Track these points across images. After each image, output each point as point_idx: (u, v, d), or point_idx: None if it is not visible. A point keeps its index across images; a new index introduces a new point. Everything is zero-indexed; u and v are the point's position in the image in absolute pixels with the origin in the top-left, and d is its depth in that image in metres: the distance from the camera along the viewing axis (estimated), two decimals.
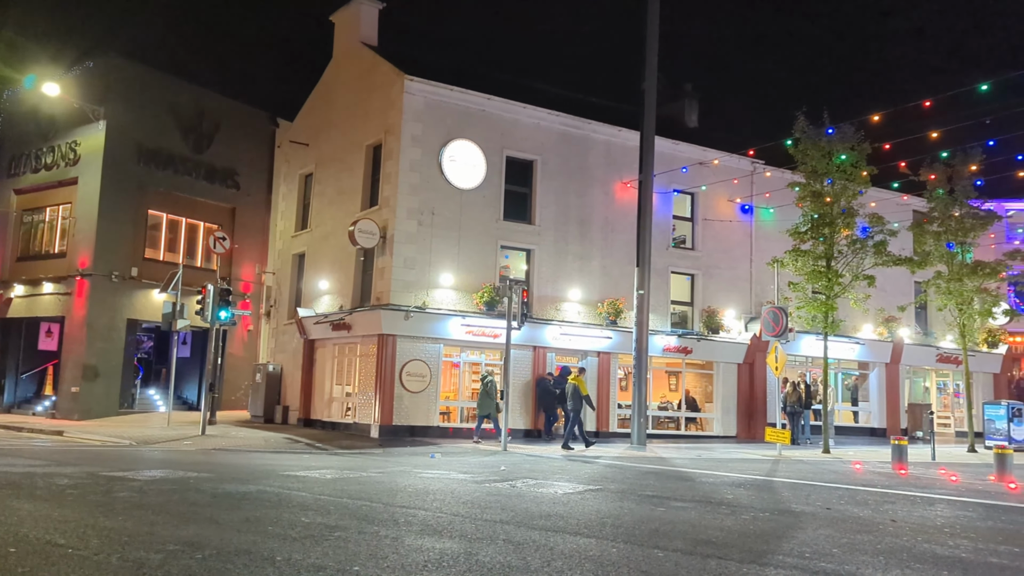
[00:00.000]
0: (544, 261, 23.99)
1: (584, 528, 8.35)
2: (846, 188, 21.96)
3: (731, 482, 13.57)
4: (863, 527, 9.15)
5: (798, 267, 22.17)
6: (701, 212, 26.77)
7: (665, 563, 6.84)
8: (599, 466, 15.60)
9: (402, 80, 22.37)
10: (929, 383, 31.82)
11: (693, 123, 31.15)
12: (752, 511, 10.17)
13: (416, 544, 7.19)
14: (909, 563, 7.22)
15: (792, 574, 6.58)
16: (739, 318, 26.75)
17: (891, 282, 26.18)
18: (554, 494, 10.98)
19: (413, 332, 21.66)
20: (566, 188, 24.60)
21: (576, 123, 24.93)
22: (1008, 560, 7.61)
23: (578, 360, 24.16)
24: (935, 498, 12.24)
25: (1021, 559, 7.69)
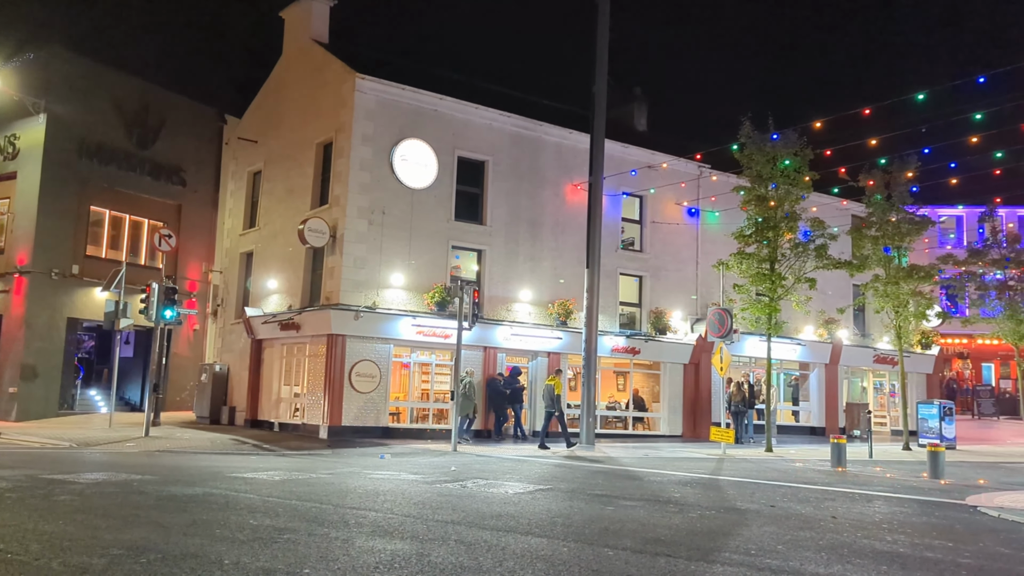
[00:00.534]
0: (495, 262, 24.08)
1: (535, 528, 8.42)
2: (789, 193, 22.48)
3: (678, 480, 13.83)
4: (806, 524, 9.43)
5: (743, 270, 22.65)
6: (649, 215, 27.15)
7: (615, 561, 6.95)
8: (549, 466, 15.74)
9: (353, 78, 22.23)
10: (866, 383, 32.72)
11: (642, 126, 31.58)
12: (699, 509, 10.39)
13: (367, 545, 7.18)
14: (850, 559, 7.48)
15: (739, 571, 6.76)
16: (686, 319, 27.20)
17: (831, 285, 26.88)
18: (505, 494, 11.06)
19: (363, 332, 21.54)
20: (517, 189, 24.73)
21: (528, 124, 25.07)
22: (942, 555, 7.92)
23: (528, 360, 24.31)
24: (873, 495, 12.64)
25: (954, 553, 8.01)
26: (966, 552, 8.13)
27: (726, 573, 6.66)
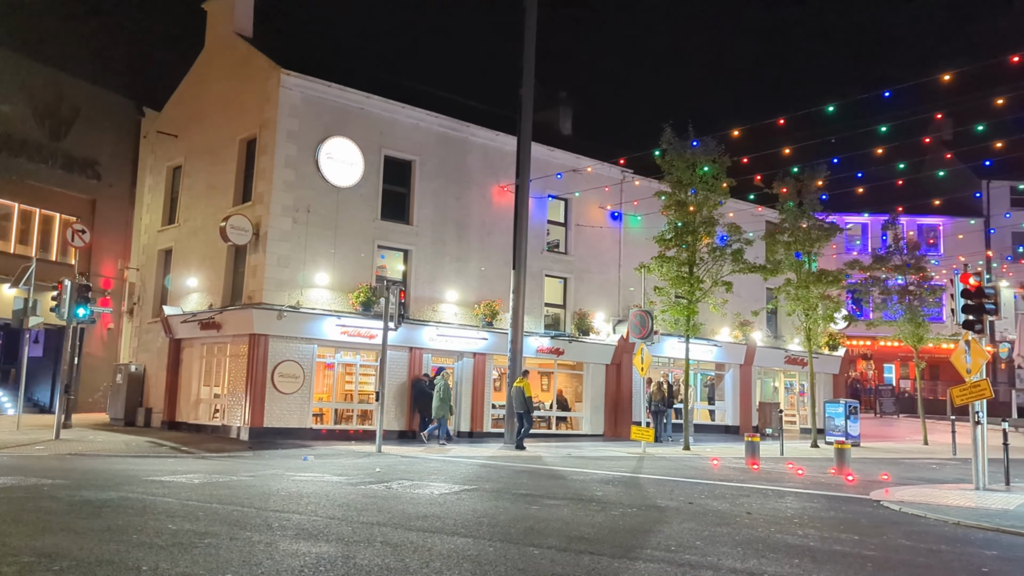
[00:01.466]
0: (422, 262, 24.08)
1: (461, 528, 8.53)
2: (708, 198, 23.15)
3: (600, 479, 14.14)
4: (722, 520, 9.82)
5: (663, 273, 23.23)
6: (574, 218, 27.57)
7: (541, 560, 7.11)
8: (474, 466, 15.87)
9: (278, 74, 21.91)
10: (778, 383, 33.88)
11: (567, 131, 32.01)
12: (621, 507, 10.69)
13: (291, 549, 7.16)
14: (764, 553, 7.85)
15: (660, 567, 7.02)
16: (608, 320, 27.73)
17: (746, 288, 27.76)
18: (430, 495, 11.13)
19: (286, 332, 21.24)
20: (444, 190, 24.78)
21: (455, 125, 25.15)
22: (849, 547, 8.39)
23: (454, 361, 24.40)
24: (785, 491, 13.19)
25: (860, 546, 8.49)
26: (871, 544, 8.63)
27: (648, 569, 6.90)
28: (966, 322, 14.35)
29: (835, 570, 7.22)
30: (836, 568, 7.32)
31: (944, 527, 10.15)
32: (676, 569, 6.94)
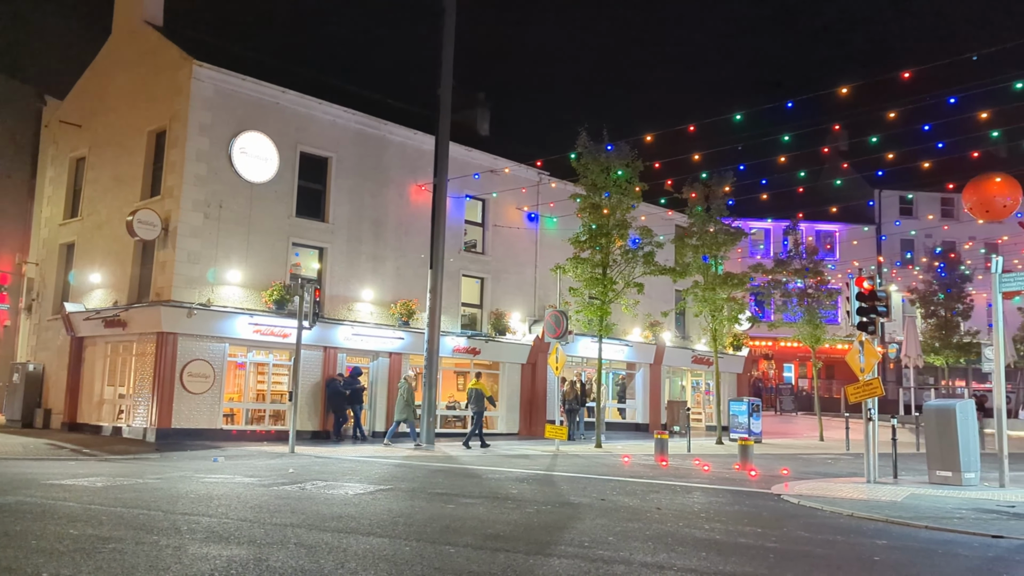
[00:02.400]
0: (337, 260, 23.84)
1: (377, 528, 8.54)
2: (621, 202, 23.68)
3: (515, 477, 14.36)
4: (634, 516, 10.15)
5: (578, 274, 23.65)
6: (491, 218, 27.77)
7: (457, 558, 7.20)
8: (389, 466, 15.86)
9: (190, 65, 21.33)
10: (685, 382, 34.91)
11: (485, 131, 32.18)
12: (536, 504, 10.91)
13: (201, 552, 7.05)
14: (674, 547, 8.17)
15: (574, 563, 7.23)
16: (524, 320, 28.05)
17: (656, 290, 28.48)
18: (345, 495, 11.10)
19: (196, 330, 20.71)
20: (361, 187, 24.59)
21: (373, 123, 24.99)
22: (753, 540, 8.81)
23: (369, 360, 24.26)
24: (692, 487, 13.69)
25: (763, 538, 8.93)
26: (772, 536, 9.09)
27: (562, 565, 7.10)
28: (860, 324, 15.20)
29: (740, 562, 7.57)
30: (741, 560, 7.67)
31: (839, 519, 10.74)
32: (589, 565, 7.14)
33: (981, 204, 14.94)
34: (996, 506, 11.88)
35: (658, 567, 7.16)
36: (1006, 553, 8.65)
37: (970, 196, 15.28)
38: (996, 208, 14.83)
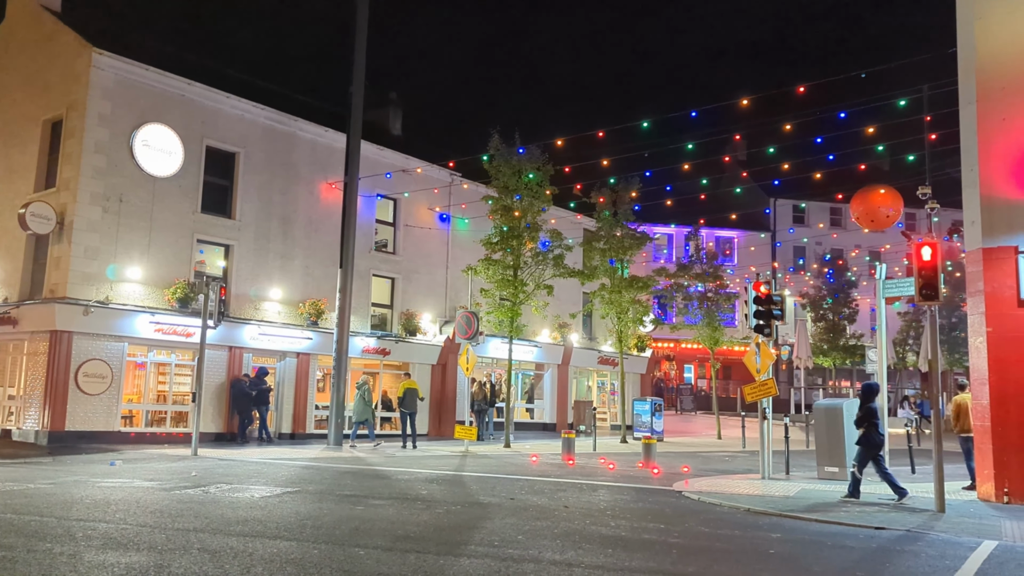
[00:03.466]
0: (244, 258, 23.32)
1: (284, 531, 8.49)
2: (532, 204, 24.01)
3: (425, 478, 14.42)
4: (542, 514, 10.39)
5: (489, 275, 23.85)
6: (403, 218, 27.69)
7: (367, 560, 7.23)
8: (296, 468, 15.66)
9: (90, 53, 20.48)
10: (591, 382, 35.61)
11: (397, 131, 32.03)
12: (446, 505, 11.02)
13: (98, 560, 6.88)
14: (581, 544, 8.44)
15: (484, 562, 7.39)
16: (435, 321, 28.08)
17: (565, 292, 29.00)
18: (251, 498, 10.95)
19: (93, 329, 19.91)
20: (270, 184, 24.13)
21: (283, 119, 24.55)
22: (656, 536, 9.18)
23: (276, 361, 23.83)
24: (598, 485, 14.06)
25: (666, 534, 9.31)
26: (675, 532, 9.48)
27: (472, 565, 7.24)
28: (757, 326, 15.94)
29: (644, 558, 7.88)
30: (645, 556, 7.99)
31: (736, 514, 11.28)
32: (499, 563, 7.30)
33: (867, 214, 15.85)
34: (879, 499, 12.71)
35: (566, 564, 7.38)
36: (888, 543, 9.30)
37: (857, 206, 16.19)
38: (880, 218, 15.76)
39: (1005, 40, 13.35)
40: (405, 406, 22.14)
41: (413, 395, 22.26)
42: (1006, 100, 13.26)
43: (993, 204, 13.17)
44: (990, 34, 13.49)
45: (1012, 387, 12.73)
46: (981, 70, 13.51)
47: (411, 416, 22.11)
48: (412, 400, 22.15)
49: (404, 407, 22.19)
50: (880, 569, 7.94)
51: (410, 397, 22.17)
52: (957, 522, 10.76)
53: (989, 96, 13.41)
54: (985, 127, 13.38)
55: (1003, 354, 12.85)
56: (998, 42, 13.41)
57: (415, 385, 22.86)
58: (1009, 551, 8.92)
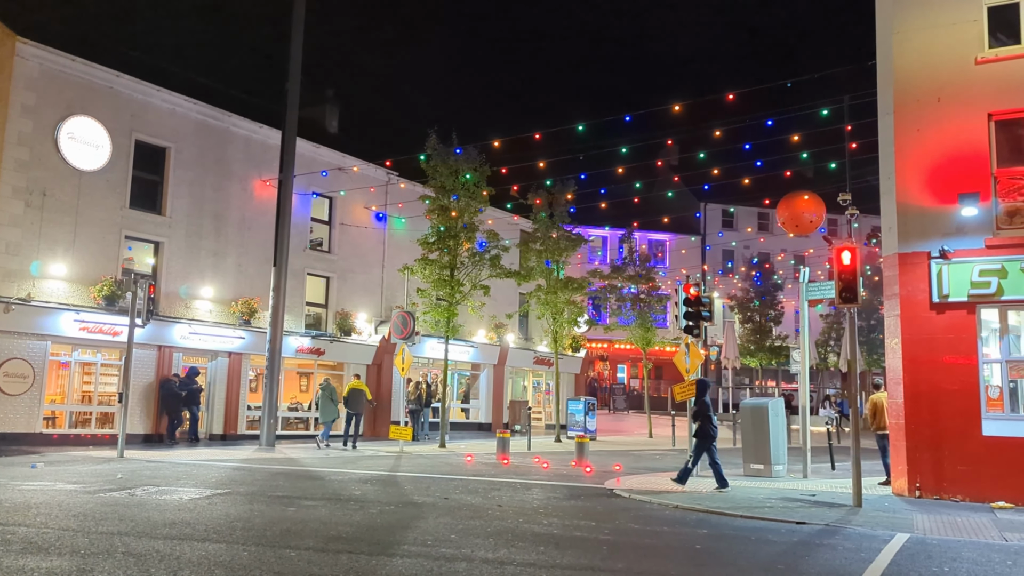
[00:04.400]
0: (174, 255, 22.82)
1: (213, 533, 8.40)
2: (469, 205, 24.07)
3: (359, 478, 14.38)
4: (475, 513, 10.50)
5: (426, 275, 23.83)
6: (339, 216, 27.46)
7: (298, 562, 7.22)
8: (227, 469, 15.44)
9: (13, 41, 19.77)
10: (527, 382, 35.90)
11: (334, 129, 31.72)
12: (379, 505, 11.04)
13: (17, 565, 6.73)
14: (514, 542, 8.57)
15: (416, 562, 7.44)
16: (370, 321, 27.91)
17: (501, 292, 29.15)
18: (179, 500, 10.79)
19: (15, 327, 19.21)
20: (202, 180, 23.66)
21: (216, 114, 24.11)
22: (588, 533, 9.37)
23: (207, 360, 23.38)
24: (532, 483, 14.23)
25: (597, 531, 9.51)
26: (606, 529, 9.70)
27: (405, 565, 7.29)
28: (687, 327, 16.36)
29: (576, 555, 8.05)
30: (576, 553, 8.16)
31: (665, 511, 11.58)
32: (432, 563, 7.36)
33: (791, 219, 16.45)
34: (800, 495, 13.20)
35: (498, 563, 7.49)
36: (808, 537, 9.69)
37: (782, 211, 16.78)
38: (804, 223, 16.37)
39: (920, 54, 14.02)
40: (350, 406, 22.07)
41: (359, 395, 22.19)
42: (921, 112, 13.93)
43: (908, 211, 13.82)
44: (907, 48, 14.15)
45: (924, 386, 13.37)
46: (898, 82, 14.16)
47: (356, 417, 22.07)
48: (357, 400, 22.07)
49: (349, 407, 22.11)
50: (800, 562, 8.27)
51: (355, 397, 22.09)
52: (873, 516, 11.26)
53: (905, 107, 14.06)
54: (901, 137, 14.03)
55: (916, 354, 13.49)
56: (914, 56, 14.07)
57: (362, 386, 22.79)
58: (920, 543, 9.39)
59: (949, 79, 13.76)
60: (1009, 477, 12.61)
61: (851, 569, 7.83)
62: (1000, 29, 13.68)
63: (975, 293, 13.20)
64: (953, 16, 13.80)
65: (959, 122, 13.62)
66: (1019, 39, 13.47)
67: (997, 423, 12.94)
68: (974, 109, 13.54)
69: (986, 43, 13.62)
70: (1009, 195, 13.34)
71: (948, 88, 13.76)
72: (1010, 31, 13.59)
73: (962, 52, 13.68)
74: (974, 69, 13.59)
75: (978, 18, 13.67)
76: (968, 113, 13.57)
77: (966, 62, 13.65)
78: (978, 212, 13.27)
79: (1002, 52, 13.48)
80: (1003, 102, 13.41)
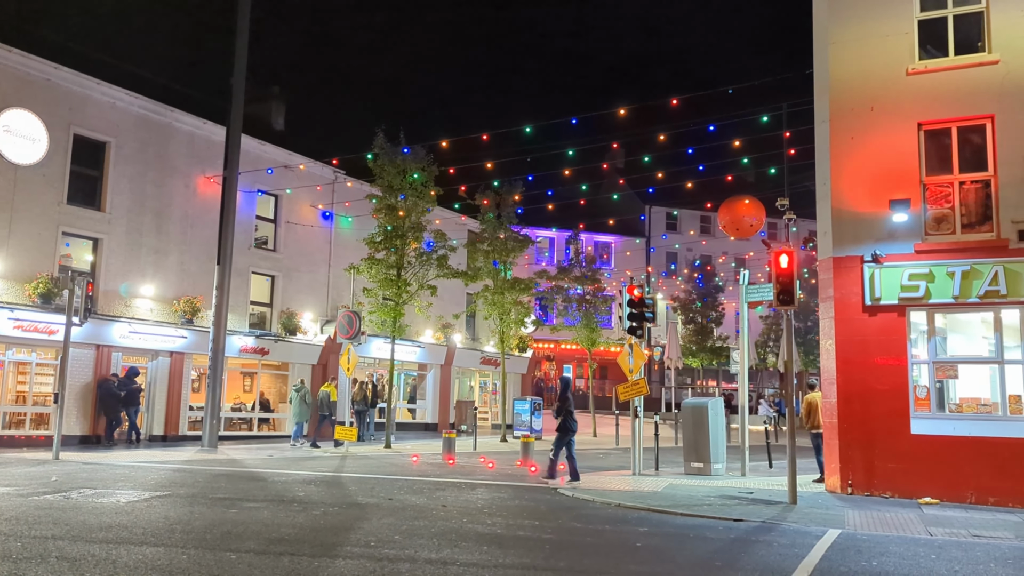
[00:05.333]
0: (114, 252, 22.30)
1: (151, 537, 8.29)
2: (417, 204, 24.03)
3: (302, 480, 14.29)
4: (420, 514, 10.53)
5: (372, 274, 23.71)
6: (284, 215, 27.14)
7: (238, 565, 7.16)
8: (167, 471, 15.19)
9: None
10: (474, 382, 35.95)
11: (280, 126, 31.31)
12: (323, 506, 10.99)
13: None
14: (457, 542, 8.63)
15: (359, 563, 7.45)
16: (316, 320, 27.65)
17: (449, 292, 29.13)
18: (116, 503, 10.60)
19: None
20: (143, 176, 23.16)
21: (158, 108, 23.63)
22: (531, 532, 9.48)
23: (148, 360, 22.91)
24: (477, 483, 14.31)
25: (540, 530, 9.63)
26: (549, 528, 9.82)
27: (347, 566, 7.29)
28: (630, 328, 16.62)
29: (518, 554, 8.15)
30: (519, 552, 8.25)
31: (608, 509, 11.77)
32: (375, 564, 7.38)
33: (732, 223, 16.83)
34: (738, 493, 13.53)
35: (442, 563, 7.56)
36: (745, 534, 9.96)
37: (723, 215, 17.15)
38: (744, 226, 16.76)
39: (855, 64, 14.50)
40: (323, 408, 23.29)
41: (325, 398, 23.45)
42: (855, 120, 14.40)
43: (843, 216, 14.28)
44: (842, 58, 14.61)
45: (856, 386, 13.83)
46: (834, 91, 14.62)
47: (322, 418, 23.31)
48: (326, 403, 23.33)
49: (322, 409, 23.30)
50: (737, 558, 8.50)
51: (326, 400, 23.36)
52: (807, 512, 11.62)
53: (840, 116, 14.52)
54: (837, 145, 14.49)
55: (849, 356, 13.95)
56: (849, 66, 14.55)
57: (330, 388, 23.81)
58: (850, 538, 9.73)
59: (882, 89, 14.26)
60: (935, 474, 13.13)
61: (785, 565, 8.07)
62: (930, 42, 14.22)
63: (905, 296, 13.69)
64: (886, 28, 14.31)
65: (891, 131, 14.11)
66: (947, 52, 14.03)
67: (924, 422, 13.45)
68: (905, 119, 14.05)
69: (916, 55, 14.15)
70: (937, 202, 13.88)
71: (881, 98, 14.25)
72: (939, 44, 14.14)
73: (894, 63, 14.19)
74: (905, 80, 14.11)
75: (909, 30, 14.19)
76: (899, 122, 14.08)
77: (898, 73, 14.16)
78: (908, 218, 13.78)
79: (931, 64, 14.02)
80: (932, 112, 13.95)
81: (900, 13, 14.25)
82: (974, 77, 13.69)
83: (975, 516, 11.67)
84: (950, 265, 13.45)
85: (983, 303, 13.33)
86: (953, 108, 13.81)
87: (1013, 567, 8.31)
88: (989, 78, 13.58)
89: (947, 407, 13.67)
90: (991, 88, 13.55)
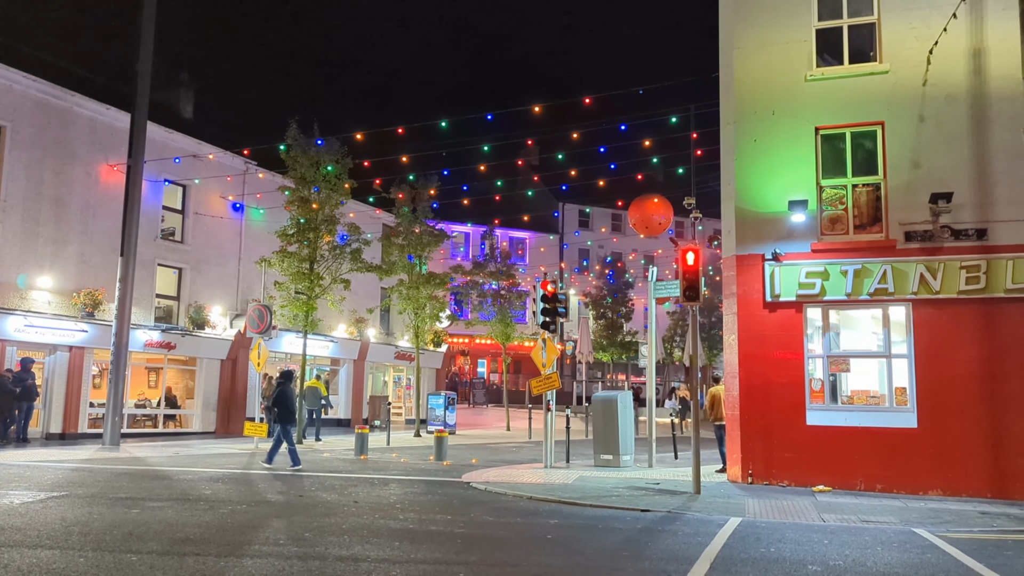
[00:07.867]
0: (9, 242, 21.23)
1: (47, 539, 8.05)
2: (331, 197, 23.69)
3: (210, 477, 13.99)
4: (331, 510, 10.47)
5: (284, 268, 23.28)
6: (193, 205, 26.36)
7: (140, 567, 6.99)
8: (65, 470, 14.63)
9: None
10: (388, 377, 35.78)
11: (188, 114, 30.39)
12: (230, 505, 10.81)
13: None
14: (369, 539, 8.63)
15: (268, 562, 7.38)
16: (225, 314, 26.99)
17: (363, 287, 28.93)
18: (9, 505, 10.20)
19: None
20: (41, 163, 22.13)
21: (57, 93, 22.61)
22: (443, 527, 9.55)
23: (46, 355, 21.92)
24: (390, 479, 14.32)
25: (452, 525, 9.71)
26: (461, 523, 9.91)
27: (255, 565, 7.21)
28: (544, 323, 16.88)
29: (430, 549, 8.20)
30: (431, 547, 8.31)
31: (520, 502, 11.94)
32: (284, 563, 7.31)
33: (642, 221, 17.26)
34: (646, 484, 13.94)
35: (352, 560, 7.55)
36: (652, 524, 10.28)
37: (633, 213, 17.57)
38: (653, 225, 17.22)
39: (758, 69, 15.08)
40: (307, 403, 23.07)
41: (315, 392, 23.67)
42: (757, 123, 14.99)
43: (746, 216, 14.84)
44: (746, 63, 15.18)
45: (757, 379, 14.42)
46: (739, 94, 15.17)
47: (310, 413, 23.44)
48: (312, 398, 23.49)
49: (306, 404, 22.99)
50: (644, 548, 8.76)
51: (311, 395, 23.41)
52: (710, 502, 12.06)
53: (744, 118, 15.09)
54: (741, 147, 15.05)
55: (751, 350, 14.52)
56: (753, 71, 15.12)
57: (318, 384, 24.03)
58: (751, 526, 10.17)
59: (783, 94, 14.88)
60: (828, 463, 13.82)
61: (689, 553, 8.36)
62: (827, 50, 14.92)
63: (802, 293, 14.35)
64: (787, 35, 14.94)
65: (790, 134, 14.75)
66: (843, 60, 14.75)
67: (819, 413, 14.14)
68: (803, 123, 14.72)
69: (814, 62, 14.83)
70: (832, 204, 14.59)
71: (781, 102, 14.87)
72: (835, 52, 14.86)
73: (794, 69, 14.83)
74: (804, 85, 14.77)
75: (808, 38, 14.86)
76: (798, 126, 14.73)
77: (797, 78, 14.81)
78: (806, 219, 14.44)
79: (828, 71, 14.72)
80: (828, 117, 14.65)
81: (800, 21, 14.90)
82: (866, 85, 14.45)
83: (864, 502, 12.34)
84: (843, 264, 14.16)
85: (873, 300, 14.09)
86: (847, 114, 14.54)
87: (897, 550, 8.86)
88: (880, 86, 14.35)
89: (840, 399, 14.40)
90: (882, 96, 14.32)
